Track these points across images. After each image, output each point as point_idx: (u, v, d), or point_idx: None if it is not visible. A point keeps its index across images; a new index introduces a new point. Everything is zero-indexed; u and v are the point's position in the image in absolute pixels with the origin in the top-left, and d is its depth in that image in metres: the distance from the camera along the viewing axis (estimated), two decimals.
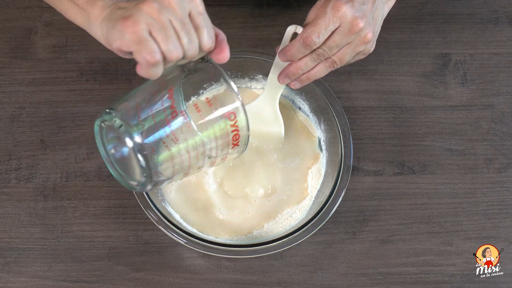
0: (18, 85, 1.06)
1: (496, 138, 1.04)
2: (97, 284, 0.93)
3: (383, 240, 0.97)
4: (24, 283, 0.93)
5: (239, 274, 0.94)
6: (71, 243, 0.96)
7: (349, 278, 0.94)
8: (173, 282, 0.94)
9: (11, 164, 1.00)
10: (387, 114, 1.05)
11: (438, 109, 1.06)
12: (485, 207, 0.99)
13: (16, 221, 0.97)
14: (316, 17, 0.80)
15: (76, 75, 1.07)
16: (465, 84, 1.08)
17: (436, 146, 1.03)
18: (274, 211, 0.94)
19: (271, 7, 1.13)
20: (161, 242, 0.95)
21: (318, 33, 0.79)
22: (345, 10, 0.78)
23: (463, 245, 0.97)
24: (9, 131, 1.03)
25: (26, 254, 0.95)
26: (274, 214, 0.94)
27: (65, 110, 1.04)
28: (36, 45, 1.09)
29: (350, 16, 0.79)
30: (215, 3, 1.12)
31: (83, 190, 0.99)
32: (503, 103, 1.06)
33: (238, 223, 0.93)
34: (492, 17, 1.13)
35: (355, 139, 0.99)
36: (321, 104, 0.95)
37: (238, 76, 1.00)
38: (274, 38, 1.10)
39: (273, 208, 0.94)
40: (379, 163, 1.01)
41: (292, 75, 0.86)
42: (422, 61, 1.09)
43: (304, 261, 0.95)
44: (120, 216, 0.97)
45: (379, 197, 0.99)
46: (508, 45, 1.11)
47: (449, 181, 1.01)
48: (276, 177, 0.96)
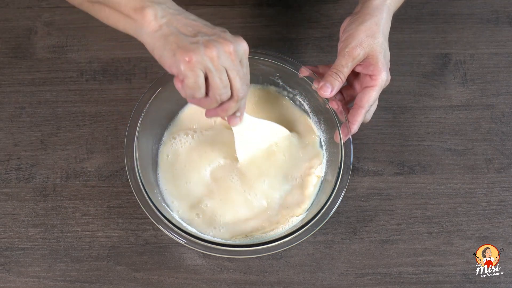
0: (18, 85, 1.06)
1: (496, 138, 1.04)
2: (97, 284, 0.93)
3: (383, 240, 0.97)
4: (24, 283, 0.93)
5: (239, 274, 0.94)
6: (71, 243, 0.95)
7: (349, 278, 0.94)
8: (173, 282, 0.94)
9: (11, 164, 1.00)
10: (387, 114, 1.05)
11: (438, 109, 1.06)
12: (485, 207, 0.99)
13: (16, 221, 0.97)
14: (364, 101, 0.89)
15: (76, 75, 1.07)
16: (465, 84, 1.08)
17: (436, 146, 1.03)
18: (276, 215, 0.94)
19: (271, 7, 1.13)
20: (161, 242, 0.95)
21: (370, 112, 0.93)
22: (386, 81, 0.90)
23: (463, 245, 0.97)
24: (9, 131, 1.03)
25: (26, 254, 0.95)
26: (276, 218, 0.94)
27: (65, 110, 1.04)
28: (36, 45, 1.09)
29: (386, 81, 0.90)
30: (215, 3, 1.12)
31: (83, 190, 0.99)
32: (503, 103, 1.06)
33: (239, 227, 0.93)
34: (492, 17, 1.13)
35: (355, 139, 0.99)
36: (321, 104, 0.95)
37: None
38: (274, 38, 1.10)
39: (275, 213, 0.94)
40: (379, 163, 1.01)
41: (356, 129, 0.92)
42: (422, 61, 1.09)
43: (304, 261, 0.95)
44: (120, 216, 0.97)
45: (379, 197, 0.99)
46: (508, 45, 1.11)
47: (449, 181, 1.01)
48: (279, 187, 0.96)
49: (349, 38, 0.88)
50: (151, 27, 0.77)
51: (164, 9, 0.78)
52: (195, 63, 0.76)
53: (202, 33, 0.77)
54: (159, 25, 0.77)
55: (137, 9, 0.77)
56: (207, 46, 0.76)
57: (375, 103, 0.92)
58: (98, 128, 1.03)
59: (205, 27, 0.78)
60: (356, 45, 0.87)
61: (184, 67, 0.76)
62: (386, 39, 0.89)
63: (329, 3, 1.14)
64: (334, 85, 0.88)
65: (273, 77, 1.00)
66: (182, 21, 0.78)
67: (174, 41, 0.76)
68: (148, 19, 0.77)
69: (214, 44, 0.76)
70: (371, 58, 0.88)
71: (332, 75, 0.89)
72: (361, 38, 0.87)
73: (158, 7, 0.78)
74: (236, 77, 0.79)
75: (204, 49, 0.76)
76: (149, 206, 0.87)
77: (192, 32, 0.77)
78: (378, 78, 0.88)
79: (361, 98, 0.89)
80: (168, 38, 0.77)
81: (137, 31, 0.79)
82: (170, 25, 0.77)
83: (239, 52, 0.78)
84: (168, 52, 0.76)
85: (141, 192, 0.87)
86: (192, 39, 0.76)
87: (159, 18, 0.77)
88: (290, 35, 1.11)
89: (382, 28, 0.88)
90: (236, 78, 0.79)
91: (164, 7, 0.78)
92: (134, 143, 0.90)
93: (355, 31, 0.87)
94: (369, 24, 0.87)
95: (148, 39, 0.78)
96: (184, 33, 0.77)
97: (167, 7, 0.78)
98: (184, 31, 0.77)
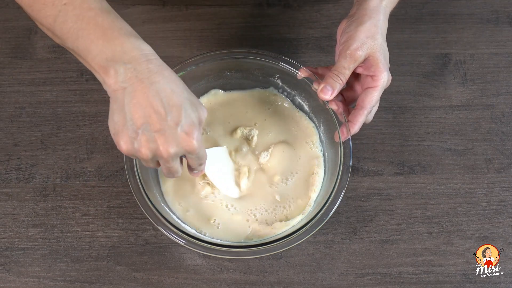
0: (18, 85, 1.06)
1: (496, 138, 1.04)
2: (97, 284, 0.93)
3: (383, 240, 0.97)
4: (24, 283, 0.93)
5: (239, 274, 0.94)
6: (71, 243, 0.96)
7: (349, 278, 0.94)
8: (173, 282, 0.94)
9: (11, 164, 1.00)
10: (387, 114, 1.05)
11: (438, 109, 1.06)
12: (485, 207, 0.99)
13: (16, 221, 0.97)
14: (366, 102, 0.89)
15: (76, 75, 1.07)
16: (465, 84, 1.08)
17: (436, 146, 1.03)
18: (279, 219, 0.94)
19: (271, 7, 1.13)
20: (161, 242, 0.95)
21: (371, 113, 0.93)
22: (387, 81, 0.89)
23: (463, 245, 0.97)
24: (9, 131, 1.03)
25: (26, 254, 0.95)
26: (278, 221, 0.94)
27: (65, 110, 1.04)
28: (36, 45, 1.09)
29: (387, 81, 0.89)
30: (215, 3, 1.12)
31: (83, 190, 0.99)
32: (503, 103, 1.06)
33: (240, 231, 0.93)
34: (492, 17, 1.13)
35: (355, 139, 0.99)
36: (321, 104, 0.95)
37: (238, 77, 1.00)
38: (274, 38, 1.10)
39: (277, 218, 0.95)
40: (379, 163, 1.01)
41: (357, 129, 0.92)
42: (422, 61, 1.09)
43: (304, 261, 0.95)
44: (120, 216, 0.97)
45: (379, 197, 0.99)
46: (508, 45, 1.11)
47: (449, 181, 1.01)
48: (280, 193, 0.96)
49: (349, 40, 0.87)
50: (111, 88, 0.76)
51: (127, 71, 0.75)
52: (128, 153, 0.77)
53: (148, 125, 0.74)
54: (116, 89, 0.76)
55: (101, 67, 0.76)
56: (141, 146, 0.75)
57: (377, 104, 0.92)
58: (98, 128, 1.03)
59: (158, 113, 0.74)
60: (357, 47, 0.87)
61: (118, 147, 0.77)
62: (384, 39, 0.89)
63: (329, 3, 1.14)
64: (334, 87, 0.88)
65: (272, 77, 1.00)
66: (140, 97, 0.74)
67: (119, 122, 0.76)
68: (109, 81, 0.76)
69: (149, 146, 0.75)
70: (372, 59, 0.88)
71: (333, 77, 0.88)
72: (362, 39, 0.87)
73: (121, 69, 0.75)
74: (164, 169, 0.80)
75: (138, 148, 0.76)
76: (148, 206, 0.87)
77: (139, 121, 0.74)
78: (379, 79, 0.88)
79: (363, 99, 0.89)
80: (116, 113, 0.76)
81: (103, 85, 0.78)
82: (127, 96, 0.75)
83: (178, 153, 0.77)
84: (111, 127, 0.77)
85: (140, 193, 0.87)
86: (133, 133, 0.75)
87: (119, 82, 0.75)
88: (290, 35, 1.11)
89: (381, 29, 0.88)
90: (164, 169, 0.81)
91: (129, 69, 0.75)
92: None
93: (355, 33, 0.87)
94: (368, 25, 0.87)
95: (108, 93, 0.78)
96: (132, 118, 0.74)
97: (133, 68, 0.75)
98: (133, 115, 0.74)
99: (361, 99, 0.90)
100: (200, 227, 0.92)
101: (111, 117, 0.77)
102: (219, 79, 1.00)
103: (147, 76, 0.75)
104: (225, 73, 0.99)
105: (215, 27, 1.11)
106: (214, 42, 1.10)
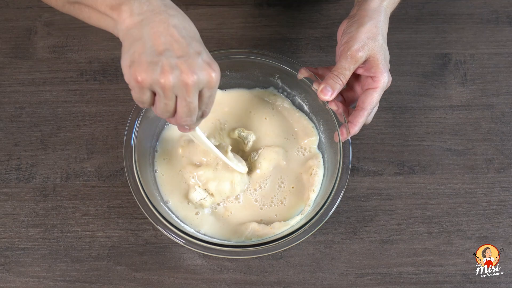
0: (18, 85, 1.06)
1: (496, 138, 1.04)
2: (97, 284, 0.93)
3: (383, 240, 0.97)
4: (24, 283, 0.93)
5: (239, 274, 0.94)
6: (71, 243, 0.96)
7: (349, 278, 0.94)
8: (173, 282, 0.94)
9: (11, 164, 1.00)
10: (387, 114, 1.05)
11: (438, 109, 1.06)
12: (485, 207, 0.99)
13: (16, 221, 0.97)
14: (367, 103, 0.89)
15: (76, 75, 1.07)
16: (465, 84, 1.08)
17: (436, 146, 1.03)
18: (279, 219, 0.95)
19: (271, 7, 1.13)
20: (161, 242, 0.96)
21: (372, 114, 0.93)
22: (387, 82, 0.89)
23: (463, 245, 0.97)
24: (9, 131, 1.03)
25: (26, 254, 0.95)
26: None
27: (65, 110, 1.04)
28: (36, 45, 1.09)
29: (387, 82, 0.89)
30: (215, 3, 1.12)
31: (83, 190, 0.99)
32: (503, 103, 1.06)
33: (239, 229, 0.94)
34: (492, 17, 1.13)
35: (355, 139, 0.99)
36: (321, 105, 0.95)
37: (238, 77, 1.00)
38: (274, 38, 1.10)
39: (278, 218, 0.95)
40: (379, 163, 1.01)
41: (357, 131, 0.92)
42: (422, 61, 1.09)
43: (304, 261, 0.95)
44: (120, 216, 0.97)
45: (379, 197, 0.99)
46: (508, 45, 1.11)
47: (449, 181, 1.01)
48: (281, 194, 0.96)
49: (350, 41, 0.87)
50: (125, 24, 0.74)
51: (142, 5, 0.73)
52: (145, 83, 0.72)
53: (170, 52, 0.72)
54: (133, 23, 0.73)
55: (113, 6, 0.74)
56: (164, 72, 0.71)
57: (377, 105, 0.92)
58: (98, 128, 1.03)
59: (179, 42, 0.72)
60: (358, 48, 0.87)
61: (133, 83, 0.72)
62: (385, 40, 0.89)
63: (329, 3, 1.14)
64: (334, 88, 0.88)
65: (272, 77, 1.00)
66: (159, 27, 0.72)
67: (137, 51, 0.72)
68: (123, 17, 0.73)
69: (172, 71, 0.71)
70: (372, 60, 0.88)
71: (333, 78, 0.88)
72: (363, 40, 0.87)
73: (135, 2, 0.73)
74: (184, 108, 0.75)
75: (160, 74, 0.71)
76: (147, 206, 0.87)
77: (161, 47, 0.71)
78: (380, 80, 0.88)
79: (364, 100, 0.89)
80: (134, 43, 0.72)
81: (115, 29, 0.76)
82: (145, 26, 0.72)
83: (199, 84, 0.73)
84: (126, 59, 0.73)
85: (140, 192, 0.87)
86: (154, 58, 0.71)
87: (135, 15, 0.73)
88: (290, 35, 1.11)
89: (381, 30, 0.88)
90: (183, 109, 0.75)
91: (144, 3, 0.73)
92: (132, 143, 0.90)
93: (356, 34, 0.87)
94: (369, 26, 0.87)
95: (121, 36, 0.75)
96: (152, 44, 0.72)
97: (148, 2, 0.73)
98: (153, 42, 0.72)
99: (362, 100, 0.90)
100: (198, 225, 0.92)
101: (125, 51, 0.73)
102: None
103: (164, 10, 0.74)
104: (225, 73, 0.99)
105: (215, 27, 1.11)
106: (214, 42, 1.10)
